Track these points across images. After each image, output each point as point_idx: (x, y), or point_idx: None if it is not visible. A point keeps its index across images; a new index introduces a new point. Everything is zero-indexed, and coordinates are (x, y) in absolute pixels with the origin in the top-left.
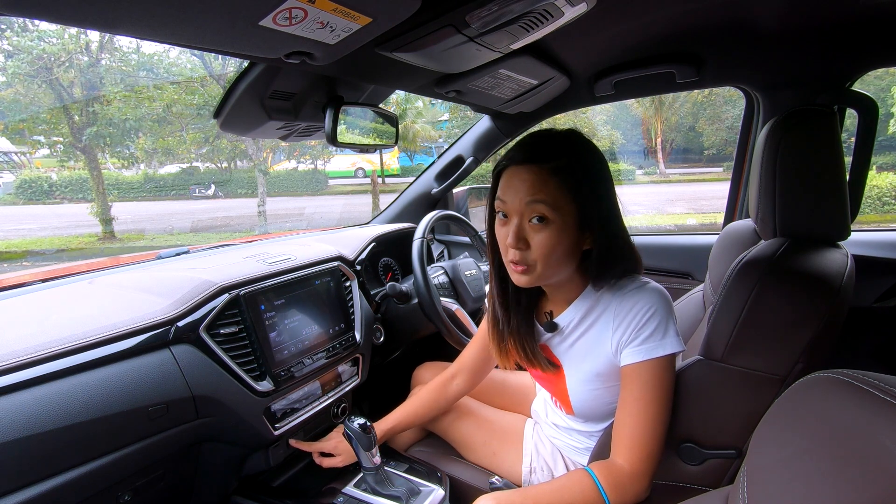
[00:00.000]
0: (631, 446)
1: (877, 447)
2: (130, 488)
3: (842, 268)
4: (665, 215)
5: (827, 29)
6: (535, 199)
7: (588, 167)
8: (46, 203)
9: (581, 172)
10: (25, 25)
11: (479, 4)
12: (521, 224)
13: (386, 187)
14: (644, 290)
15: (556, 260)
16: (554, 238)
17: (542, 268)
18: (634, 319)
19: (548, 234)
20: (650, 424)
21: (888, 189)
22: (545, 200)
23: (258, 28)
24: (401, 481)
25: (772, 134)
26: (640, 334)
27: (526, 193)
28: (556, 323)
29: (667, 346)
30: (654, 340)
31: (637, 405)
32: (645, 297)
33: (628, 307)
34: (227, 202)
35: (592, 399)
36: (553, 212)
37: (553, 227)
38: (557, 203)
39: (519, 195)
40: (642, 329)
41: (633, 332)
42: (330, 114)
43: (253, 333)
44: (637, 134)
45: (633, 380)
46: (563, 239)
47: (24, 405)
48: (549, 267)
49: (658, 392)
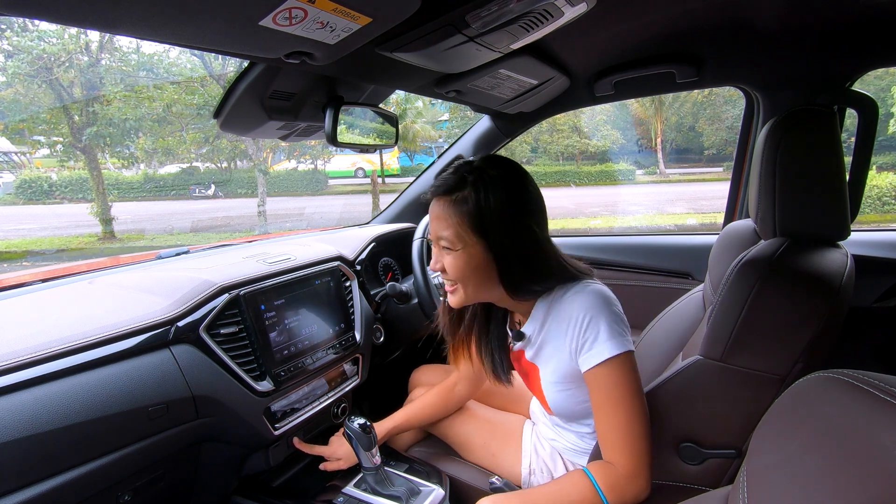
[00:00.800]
0: (615, 448)
1: (877, 447)
2: (130, 488)
3: (842, 268)
4: (665, 215)
5: (827, 29)
6: (440, 231)
7: (490, 197)
8: (46, 203)
9: (481, 203)
10: (25, 25)
11: (479, 4)
12: (440, 251)
13: (386, 187)
14: (578, 296)
15: (472, 279)
16: (461, 261)
17: (463, 287)
18: (576, 327)
19: (454, 258)
20: (626, 424)
21: (888, 189)
22: (447, 231)
23: (258, 28)
24: (401, 481)
25: (772, 134)
26: (585, 340)
27: (435, 227)
28: (522, 332)
29: (613, 348)
30: (600, 343)
31: (608, 408)
32: (578, 304)
33: (567, 315)
34: (227, 202)
35: (564, 399)
36: (455, 241)
37: (458, 253)
38: (458, 233)
39: (431, 226)
40: (586, 335)
41: (579, 339)
42: (330, 114)
43: (253, 333)
44: (637, 134)
45: (595, 385)
46: (469, 262)
47: (24, 405)
48: (469, 286)
49: (622, 390)
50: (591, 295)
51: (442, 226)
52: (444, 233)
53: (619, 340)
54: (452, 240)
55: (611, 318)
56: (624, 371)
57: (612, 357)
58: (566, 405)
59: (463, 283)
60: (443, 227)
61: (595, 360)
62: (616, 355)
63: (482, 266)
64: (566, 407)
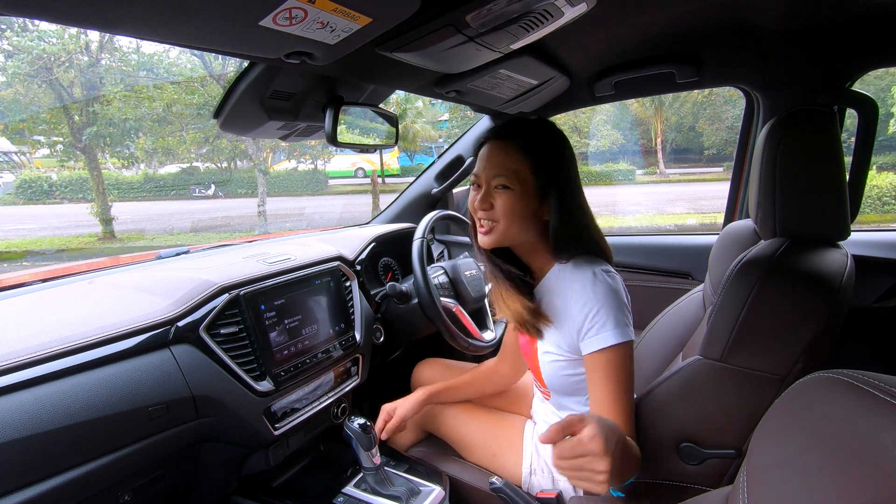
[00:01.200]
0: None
1: (877, 447)
2: (130, 488)
3: (842, 268)
4: (665, 215)
5: (827, 29)
6: (500, 167)
7: (550, 148)
8: (46, 203)
9: (543, 151)
10: (25, 25)
11: (479, 4)
12: (488, 190)
13: (386, 187)
14: (597, 282)
15: (517, 221)
16: (514, 201)
17: (504, 227)
18: (587, 309)
19: (508, 197)
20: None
21: (888, 189)
22: (508, 168)
23: (258, 28)
24: (401, 481)
25: (772, 134)
26: (593, 324)
27: (494, 163)
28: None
29: (618, 336)
30: (607, 330)
31: (605, 391)
32: (594, 288)
33: (580, 294)
34: (227, 202)
35: (556, 370)
36: (514, 180)
37: (514, 193)
38: (518, 173)
39: (488, 165)
40: (594, 319)
41: (586, 321)
42: (330, 114)
43: (253, 333)
44: (637, 134)
45: (594, 369)
46: (522, 203)
47: (24, 405)
48: (511, 227)
49: (621, 374)
50: (607, 283)
51: (502, 165)
52: (507, 163)
53: (624, 330)
54: (511, 178)
55: (620, 308)
56: (623, 357)
57: (617, 344)
58: (557, 377)
59: (507, 222)
60: (502, 166)
61: (599, 345)
62: (620, 343)
63: (531, 210)
64: (557, 379)
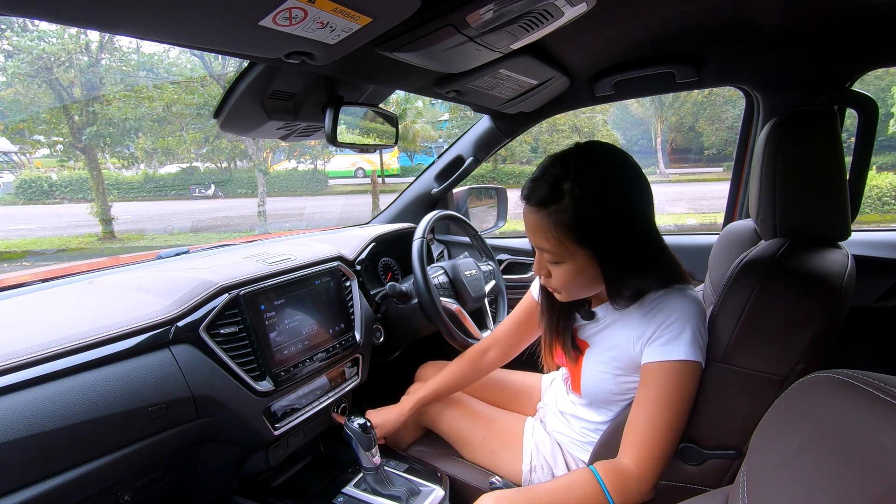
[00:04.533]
0: (641, 448)
1: (877, 447)
2: (130, 488)
3: (842, 268)
4: (665, 215)
5: (827, 29)
6: (542, 241)
7: (593, 206)
8: (46, 203)
9: (582, 215)
10: (25, 25)
11: (479, 4)
12: (542, 258)
13: (386, 187)
14: (674, 296)
15: (579, 287)
16: (569, 273)
17: (567, 294)
18: (659, 320)
19: (563, 271)
20: (664, 428)
21: (888, 189)
22: (549, 250)
23: (258, 28)
24: (401, 481)
25: (772, 134)
26: (663, 334)
27: (534, 238)
28: (594, 312)
29: (688, 353)
30: (678, 344)
31: (653, 407)
32: (672, 303)
33: (655, 309)
34: (227, 202)
35: (599, 382)
36: (560, 256)
37: (566, 266)
38: (561, 250)
39: (530, 234)
40: (667, 330)
41: (656, 330)
42: (330, 114)
43: (253, 333)
44: (637, 134)
45: (650, 380)
46: (578, 273)
47: (24, 405)
48: (575, 293)
49: (675, 398)
50: (688, 299)
51: (541, 238)
52: (545, 245)
53: (696, 350)
54: (555, 252)
55: (698, 328)
56: (687, 378)
57: (683, 360)
58: (598, 389)
59: (568, 292)
60: (542, 239)
61: (664, 357)
62: (687, 360)
63: (589, 271)
64: (597, 391)
